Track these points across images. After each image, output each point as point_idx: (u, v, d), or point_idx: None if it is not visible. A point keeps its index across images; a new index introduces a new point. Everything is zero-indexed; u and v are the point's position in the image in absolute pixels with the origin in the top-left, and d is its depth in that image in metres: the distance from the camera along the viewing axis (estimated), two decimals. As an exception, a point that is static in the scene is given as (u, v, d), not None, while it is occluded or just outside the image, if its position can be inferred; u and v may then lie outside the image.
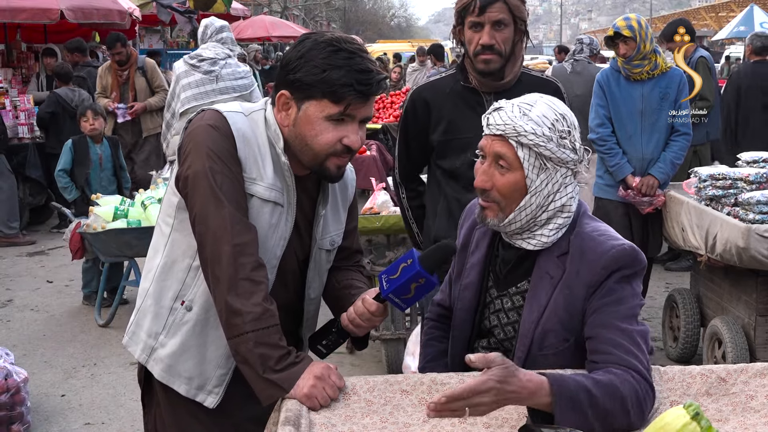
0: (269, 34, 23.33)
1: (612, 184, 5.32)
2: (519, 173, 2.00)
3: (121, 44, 9.07)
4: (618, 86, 5.29)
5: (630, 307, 1.98)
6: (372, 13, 64.49)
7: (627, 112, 5.26)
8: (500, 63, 3.06)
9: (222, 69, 5.95)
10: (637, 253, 2.02)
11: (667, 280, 7.01)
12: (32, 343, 5.86)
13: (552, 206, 2.03)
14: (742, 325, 4.47)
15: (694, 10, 43.44)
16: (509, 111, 2.01)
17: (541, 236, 2.05)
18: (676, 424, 1.57)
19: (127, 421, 4.60)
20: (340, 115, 2.03)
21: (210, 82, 5.92)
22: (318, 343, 2.23)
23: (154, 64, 9.51)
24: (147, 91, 9.27)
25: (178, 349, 2.17)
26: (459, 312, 2.22)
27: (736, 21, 23.64)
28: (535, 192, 2.00)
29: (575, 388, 1.80)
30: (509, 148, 1.99)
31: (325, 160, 2.07)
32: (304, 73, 2.01)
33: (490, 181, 2.02)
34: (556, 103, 2.05)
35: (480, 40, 3.03)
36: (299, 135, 2.07)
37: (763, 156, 4.73)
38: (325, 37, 2.04)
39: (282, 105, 2.08)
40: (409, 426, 1.86)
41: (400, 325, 4.93)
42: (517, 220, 2.03)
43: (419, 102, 3.27)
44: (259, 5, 36.76)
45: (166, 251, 2.18)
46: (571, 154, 2.01)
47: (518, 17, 3.04)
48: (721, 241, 4.31)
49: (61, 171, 6.65)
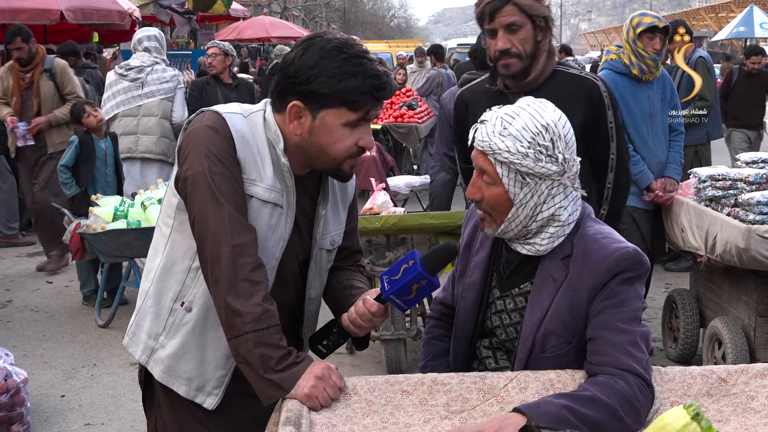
0: (269, 34, 23.36)
1: (635, 192, 5.02)
2: (501, 187, 2.02)
3: (21, 39, 7.22)
4: (627, 89, 5.01)
5: (632, 309, 1.98)
6: (372, 14, 64.56)
7: (640, 115, 5.07)
8: (522, 64, 3.02)
9: (148, 75, 6.83)
10: (640, 256, 2.02)
11: (666, 280, 7.01)
12: (32, 343, 5.86)
13: (540, 216, 2.03)
14: (742, 325, 4.47)
15: (693, 11, 43.48)
16: (490, 126, 2.02)
17: (535, 244, 2.06)
18: (676, 424, 1.58)
19: (126, 422, 4.60)
20: (357, 122, 2.05)
21: (136, 89, 6.81)
22: (319, 343, 2.23)
23: (65, 66, 7.52)
24: (55, 99, 7.42)
25: (178, 350, 2.17)
26: (461, 311, 2.22)
27: (736, 21, 23.66)
28: (521, 204, 2.02)
29: (554, 407, 1.80)
30: (489, 164, 2.02)
31: (341, 163, 2.10)
32: (320, 85, 2.01)
33: (479, 192, 2.06)
34: (542, 111, 2.03)
35: (496, 46, 3.02)
36: (315, 143, 2.07)
37: (762, 156, 4.73)
38: (331, 43, 2.03)
39: (294, 115, 2.07)
40: (409, 426, 1.86)
41: (400, 326, 4.94)
42: (509, 229, 2.05)
43: (460, 103, 3.34)
44: (259, 6, 36.80)
45: (165, 252, 2.18)
46: (553, 167, 2.00)
47: (534, 15, 2.98)
48: (721, 242, 4.31)
49: (63, 166, 6.61)
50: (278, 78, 2.10)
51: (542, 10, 3.00)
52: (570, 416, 1.79)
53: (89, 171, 6.59)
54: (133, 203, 6.09)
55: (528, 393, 1.93)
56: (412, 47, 22.52)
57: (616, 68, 5.05)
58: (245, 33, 22.85)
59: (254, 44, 26.93)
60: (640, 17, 5.04)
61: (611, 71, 5.06)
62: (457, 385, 1.96)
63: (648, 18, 5.02)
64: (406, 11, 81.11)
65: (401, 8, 78.11)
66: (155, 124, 6.88)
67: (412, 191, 8.82)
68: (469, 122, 3.27)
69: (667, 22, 5.10)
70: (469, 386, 1.96)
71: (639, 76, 5.00)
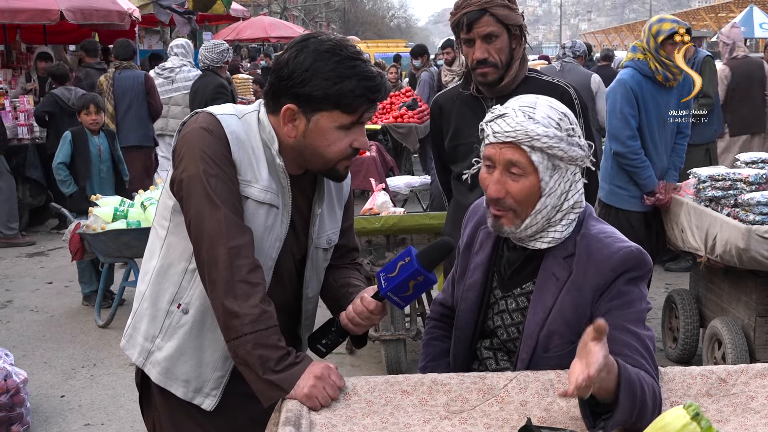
0: (268, 34, 23.35)
1: (637, 195, 5.03)
2: (533, 177, 1.98)
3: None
4: (649, 93, 4.88)
5: (638, 311, 1.98)
6: (371, 14, 64.53)
7: (656, 120, 4.96)
8: (498, 73, 3.09)
9: (177, 75, 8.91)
10: (644, 255, 2.01)
11: (666, 280, 7.01)
12: (32, 343, 5.86)
13: (566, 205, 2.02)
14: (741, 325, 4.47)
15: (693, 11, 43.48)
16: (514, 116, 1.97)
17: (554, 232, 2.04)
18: (676, 424, 1.57)
19: (126, 422, 4.60)
20: (352, 124, 2.05)
21: (168, 84, 8.88)
22: (318, 343, 2.23)
23: None
24: None
25: (175, 352, 2.16)
26: (462, 312, 2.21)
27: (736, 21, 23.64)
28: (550, 193, 1.99)
29: (636, 378, 1.81)
30: (521, 154, 1.97)
31: (336, 164, 2.10)
32: (314, 87, 2.00)
33: (503, 189, 1.99)
34: (554, 102, 2.04)
35: (474, 55, 3.07)
36: (309, 145, 2.07)
37: (762, 157, 4.72)
38: (325, 45, 2.02)
39: (288, 118, 2.06)
40: (409, 426, 1.86)
41: (400, 326, 4.94)
42: (533, 224, 2.01)
43: (435, 108, 3.39)
44: (259, 6, 36.78)
45: (162, 254, 2.18)
46: (580, 151, 2.01)
47: (510, 24, 3.05)
48: (721, 242, 4.30)
49: (60, 164, 6.60)
50: (271, 79, 2.09)
51: (518, 19, 3.07)
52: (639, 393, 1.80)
53: (86, 167, 6.59)
54: (133, 203, 6.10)
55: (528, 393, 1.93)
56: (393, 48, 22.20)
57: (642, 70, 4.89)
58: (244, 33, 22.84)
59: (254, 44, 26.94)
60: (658, 24, 4.88)
61: (637, 72, 4.91)
62: (456, 385, 1.96)
63: (667, 24, 4.84)
64: (405, 11, 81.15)
65: (401, 8, 78.16)
66: (180, 111, 8.73)
67: (411, 191, 8.82)
68: (443, 127, 3.34)
69: (687, 25, 4.92)
70: (468, 386, 1.96)
71: (663, 82, 4.89)
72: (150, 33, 19.61)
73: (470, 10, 3.02)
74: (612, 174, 5.09)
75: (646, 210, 5.08)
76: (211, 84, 7.98)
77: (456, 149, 3.27)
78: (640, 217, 5.09)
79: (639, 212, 5.08)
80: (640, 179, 4.97)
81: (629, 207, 5.07)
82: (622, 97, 4.89)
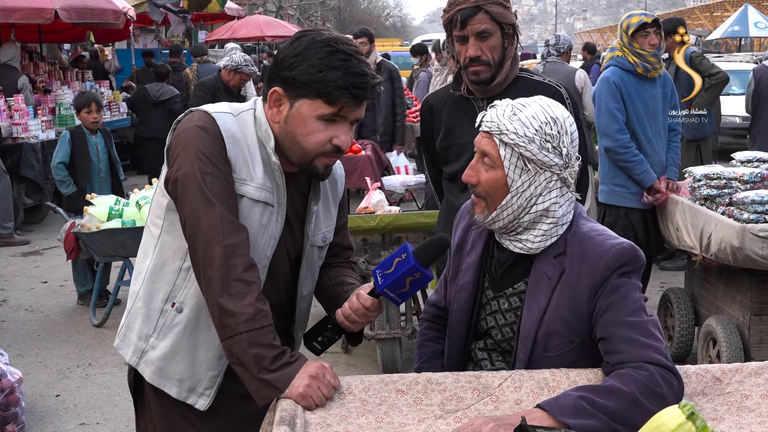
0: (263, 33, 23.29)
1: (637, 192, 5.05)
2: (501, 171, 2.02)
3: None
4: (633, 87, 5.00)
5: (636, 300, 1.98)
6: (367, 13, 64.46)
7: (645, 114, 5.03)
8: (490, 72, 3.08)
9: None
10: (636, 250, 2.02)
11: (661, 279, 7.02)
12: (27, 343, 5.85)
13: (534, 209, 2.03)
14: (736, 324, 4.48)
15: (688, 10, 43.53)
16: (500, 110, 2.04)
17: (527, 241, 2.06)
18: (671, 424, 1.57)
19: (121, 421, 4.59)
20: (332, 116, 2.03)
21: None
22: (313, 340, 2.23)
23: None
24: None
25: (169, 352, 2.16)
26: (455, 313, 2.21)
27: (731, 21, 23.71)
28: (517, 192, 2.02)
29: (571, 399, 1.80)
30: (493, 146, 2.03)
31: (313, 159, 2.08)
32: (300, 72, 2.01)
33: (476, 176, 2.06)
34: (552, 106, 2.05)
35: (467, 52, 3.06)
36: (290, 132, 2.07)
37: (757, 155, 4.74)
38: (322, 37, 2.03)
39: (274, 101, 2.07)
40: (404, 426, 1.86)
41: (395, 325, 4.93)
42: (500, 218, 2.04)
43: (426, 109, 3.38)
44: (254, 5, 36.72)
45: (156, 253, 2.17)
46: (555, 158, 2.00)
47: (503, 23, 3.05)
48: (716, 241, 4.31)
49: (60, 164, 6.59)
50: (269, 66, 2.11)
51: (511, 18, 3.07)
52: (588, 406, 1.78)
53: (86, 167, 6.59)
54: (128, 202, 6.09)
55: (522, 392, 1.93)
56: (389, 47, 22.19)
57: (623, 65, 5.02)
58: (239, 32, 22.77)
59: (249, 43, 26.88)
60: (627, 19, 5.08)
61: (618, 68, 5.04)
62: (451, 384, 1.96)
63: (635, 18, 5.04)
64: (401, 10, 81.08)
65: (396, 7, 78.07)
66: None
67: (407, 190, 8.81)
68: (434, 128, 3.34)
69: (654, 15, 5.12)
70: (463, 385, 1.96)
71: (644, 74, 4.98)
72: (145, 32, 19.61)
73: (464, 6, 3.01)
74: (610, 174, 5.13)
75: (645, 209, 5.10)
76: None
77: (447, 150, 3.27)
78: (640, 215, 5.11)
79: (639, 210, 5.10)
80: (636, 175, 5.00)
81: (630, 204, 5.10)
82: (606, 94, 5.01)
